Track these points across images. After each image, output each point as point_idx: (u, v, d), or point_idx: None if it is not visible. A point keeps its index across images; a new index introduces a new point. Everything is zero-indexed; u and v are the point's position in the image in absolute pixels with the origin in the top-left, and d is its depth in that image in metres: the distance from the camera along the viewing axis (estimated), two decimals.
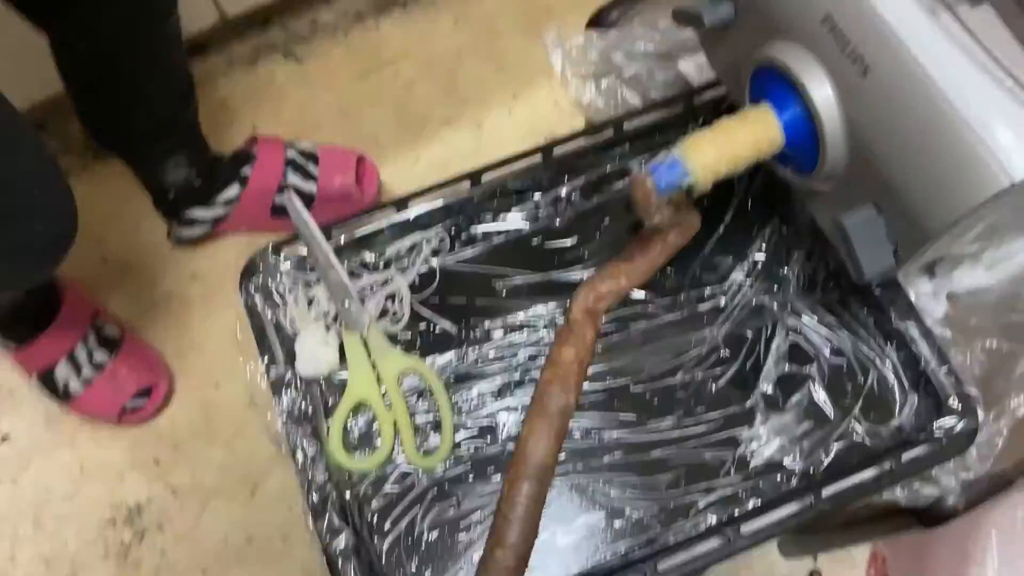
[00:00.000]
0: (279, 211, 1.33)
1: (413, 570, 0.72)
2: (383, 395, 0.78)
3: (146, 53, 1.10)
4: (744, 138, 0.64)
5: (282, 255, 0.82)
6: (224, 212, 1.31)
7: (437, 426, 0.77)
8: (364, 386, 0.78)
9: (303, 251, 0.82)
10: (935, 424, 0.73)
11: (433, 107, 1.56)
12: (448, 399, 0.77)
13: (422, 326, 0.81)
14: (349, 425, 0.77)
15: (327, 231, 0.81)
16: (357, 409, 0.78)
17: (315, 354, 0.78)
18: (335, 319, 0.80)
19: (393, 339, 0.80)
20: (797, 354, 0.78)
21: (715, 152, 0.63)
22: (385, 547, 0.72)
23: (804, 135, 0.64)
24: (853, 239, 0.63)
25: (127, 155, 1.28)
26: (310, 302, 0.81)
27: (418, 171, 1.49)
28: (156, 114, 1.19)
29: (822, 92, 0.62)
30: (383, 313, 0.81)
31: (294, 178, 1.32)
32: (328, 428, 0.76)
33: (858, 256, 0.63)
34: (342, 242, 0.83)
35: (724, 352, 0.79)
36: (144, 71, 1.12)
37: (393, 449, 0.76)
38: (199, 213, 1.30)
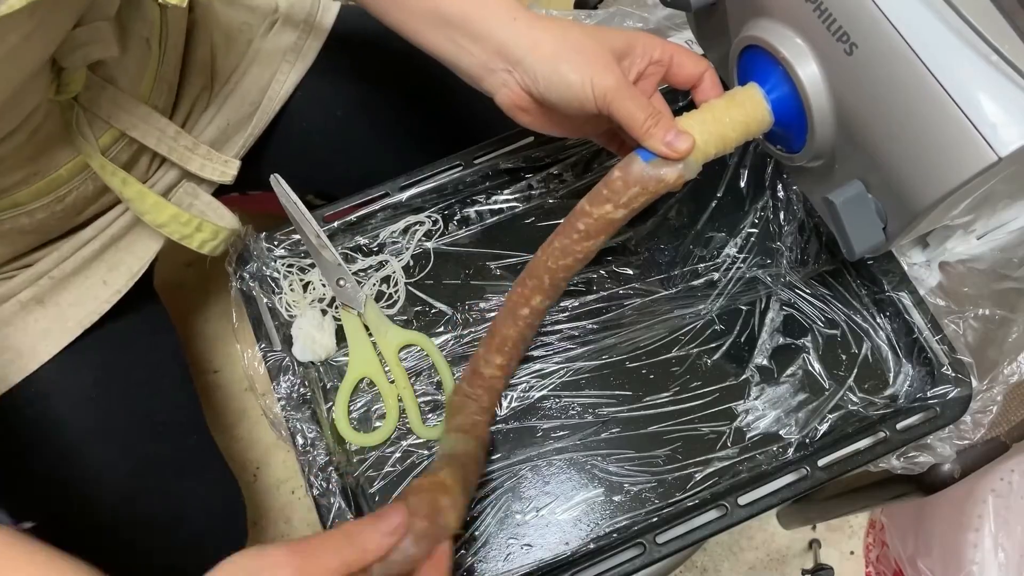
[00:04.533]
0: None
1: None
2: (385, 371, 0.78)
3: None
4: (733, 119, 0.64)
5: (275, 241, 0.82)
6: None
7: (436, 406, 0.78)
8: (366, 363, 0.78)
9: (296, 236, 0.82)
10: (929, 392, 0.73)
11: None
12: (449, 368, 0.78)
13: (417, 308, 0.81)
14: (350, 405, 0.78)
15: (319, 216, 0.81)
16: (356, 389, 0.79)
17: (312, 338, 0.78)
18: (331, 303, 0.81)
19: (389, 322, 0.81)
20: (791, 326, 0.79)
21: (704, 133, 0.63)
22: None
23: (792, 114, 0.64)
24: (842, 216, 0.63)
25: None
26: (305, 287, 0.81)
27: None
28: None
29: (809, 71, 0.62)
30: (378, 296, 0.82)
31: None
32: (329, 408, 0.77)
33: (848, 233, 0.63)
34: (335, 226, 0.83)
35: (719, 326, 0.79)
36: None
37: (397, 422, 0.77)
38: None
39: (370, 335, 0.79)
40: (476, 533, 0.73)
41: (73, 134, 0.75)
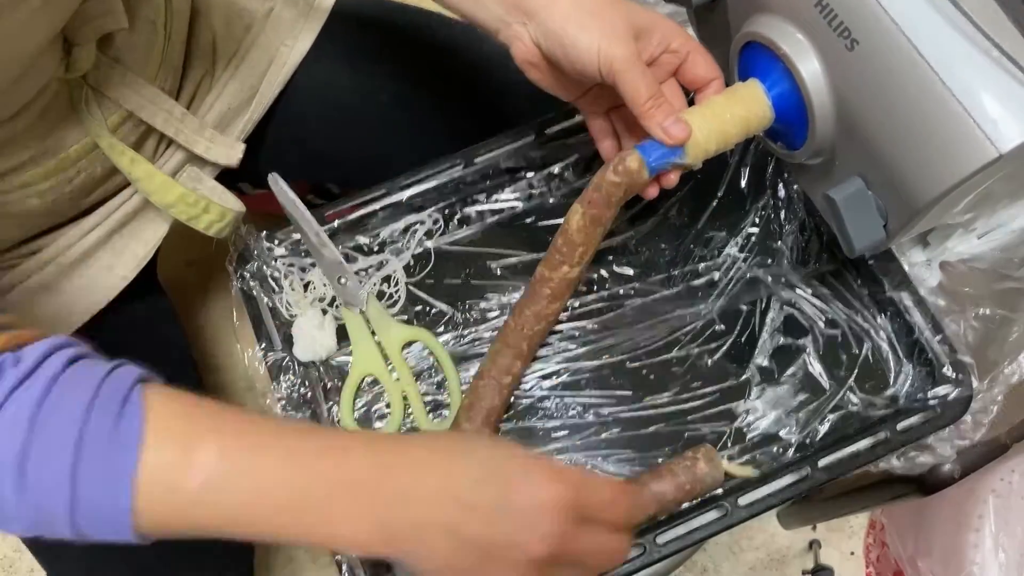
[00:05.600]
0: None
1: None
2: (389, 369, 0.78)
3: None
4: (734, 115, 0.64)
5: (275, 240, 0.82)
6: None
7: (439, 405, 0.78)
8: (369, 360, 0.78)
9: (296, 236, 0.82)
10: (930, 392, 0.73)
11: None
12: (453, 365, 0.78)
13: (418, 308, 0.81)
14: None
15: (319, 215, 0.81)
16: (359, 389, 0.78)
17: (313, 338, 0.78)
18: (331, 303, 0.80)
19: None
20: (792, 326, 0.79)
21: (705, 129, 0.63)
22: None
23: (793, 110, 0.64)
24: (843, 213, 0.63)
25: None
26: (306, 287, 0.81)
27: None
28: None
29: (810, 67, 0.62)
30: (379, 296, 0.81)
31: None
32: (330, 408, 0.77)
33: (848, 230, 0.63)
34: (335, 226, 0.83)
35: (719, 326, 0.79)
36: None
37: (403, 419, 0.77)
38: None
39: (373, 333, 0.79)
40: None
41: (82, 114, 0.76)
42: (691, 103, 0.68)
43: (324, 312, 0.80)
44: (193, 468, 0.49)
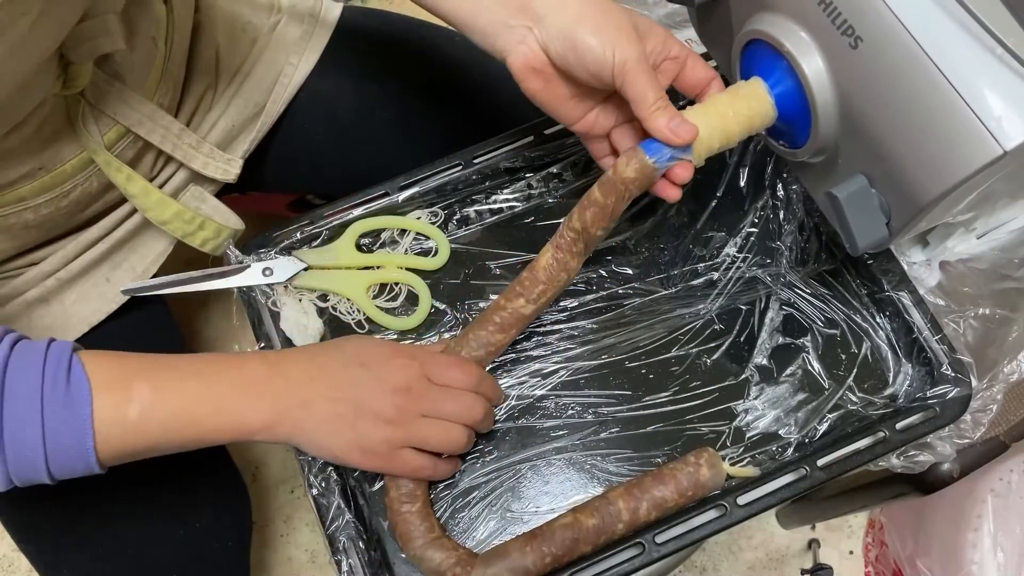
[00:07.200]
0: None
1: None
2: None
3: None
4: (737, 113, 0.65)
5: (275, 241, 0.82)
6: None
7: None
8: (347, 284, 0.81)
9: (296, 236, 0.82)
10: (929, 392, 0.73)
11: None
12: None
13: (417, 307, 0.81)
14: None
15: (319, 215, 0.82)
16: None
17: (301, 325, 0.79)
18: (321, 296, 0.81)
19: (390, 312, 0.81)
20: (791, 326, 0.79)
21: (708, 127, 0.63)
22: (387, 526, 0.72)
23: (796, 108, 0.64)
24: (846, 211, 0.63)
25: None
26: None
27: None
28: None
29: (813, 65, 0.62)
30: (378, 295, 0.81)
31: None
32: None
33: (851, 228, 0.63)
34: (335, 225, 0.82)
35: (718, 326, 0.79)
36: None
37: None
38: None
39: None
40: (476, 533, 0.72)
41: (79, 130, 0.75)
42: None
43: (299, 300, 0.80)
44: (132, 402, 0.62)
